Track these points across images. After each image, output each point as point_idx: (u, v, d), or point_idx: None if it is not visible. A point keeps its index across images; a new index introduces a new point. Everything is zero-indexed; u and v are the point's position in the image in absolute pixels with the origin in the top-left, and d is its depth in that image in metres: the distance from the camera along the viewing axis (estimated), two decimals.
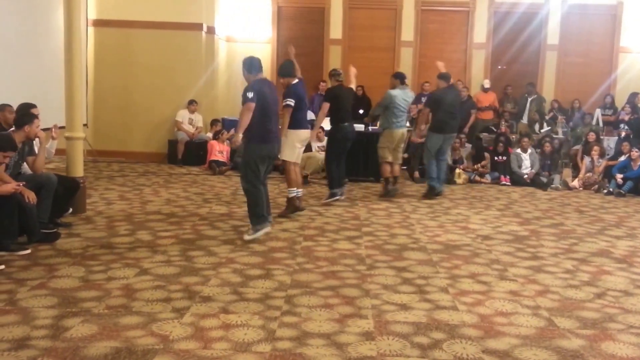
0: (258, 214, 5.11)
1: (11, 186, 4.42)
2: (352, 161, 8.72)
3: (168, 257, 4.58)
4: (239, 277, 4.13)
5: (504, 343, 3.18)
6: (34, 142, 5.25)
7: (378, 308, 3.62)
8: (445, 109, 7.42)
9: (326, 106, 6.77)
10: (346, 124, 6.93)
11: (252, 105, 4.94)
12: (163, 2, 9.92)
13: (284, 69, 6.24)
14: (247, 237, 5.07)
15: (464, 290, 4.01)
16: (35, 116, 5.04)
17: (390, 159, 7.27)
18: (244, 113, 4.96)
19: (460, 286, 4.10)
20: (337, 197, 7.01)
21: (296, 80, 6.15)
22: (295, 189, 6.15)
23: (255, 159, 5.08)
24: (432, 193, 7.45)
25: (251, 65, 5.16)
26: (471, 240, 5.43)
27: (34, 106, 5.28)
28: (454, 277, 4.30)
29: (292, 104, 6.00)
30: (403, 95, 7.28)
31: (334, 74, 7.03)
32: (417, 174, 8.96)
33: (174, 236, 5.21)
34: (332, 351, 3.02)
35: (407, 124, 10.36)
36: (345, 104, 6.91)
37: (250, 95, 4.95)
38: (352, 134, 7.08)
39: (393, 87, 7.29)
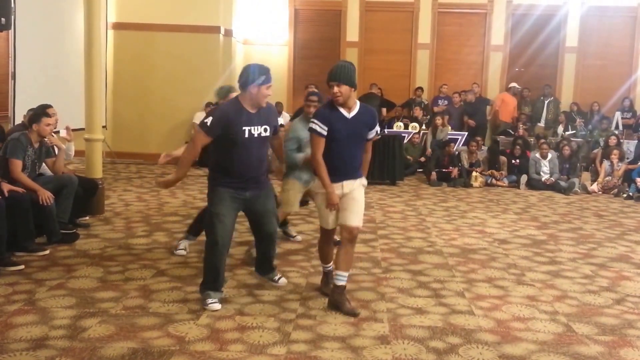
0: None
1: (43, 196, 4.57)
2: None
3: (184, 258, 4.61)
4: (255, 279, 4.14)
5: (521, 348, 3.15)
6: (51, 144, 5.30)
7: (393, 312, 3.61)
8: None
9: None
10: None
11: None
12: (181, 5, 10.01)
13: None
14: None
15: (481, 295, 3.98)
16: (45, 114, 4.93)
17: (297, 208, 4.85)
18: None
19: (477, 290, 4.06)
20: None
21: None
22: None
23: None
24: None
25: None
26: (488, 244, 5.39)
27: (49, 106, 5.31)
28: (470, 281, 4.27)
29: None
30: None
31: None
32: (433, 175, 8.89)
33: None
34: (347, 354, 3.01)
35: (424, 127, 10.40)
36: None
37: None
38: None
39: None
